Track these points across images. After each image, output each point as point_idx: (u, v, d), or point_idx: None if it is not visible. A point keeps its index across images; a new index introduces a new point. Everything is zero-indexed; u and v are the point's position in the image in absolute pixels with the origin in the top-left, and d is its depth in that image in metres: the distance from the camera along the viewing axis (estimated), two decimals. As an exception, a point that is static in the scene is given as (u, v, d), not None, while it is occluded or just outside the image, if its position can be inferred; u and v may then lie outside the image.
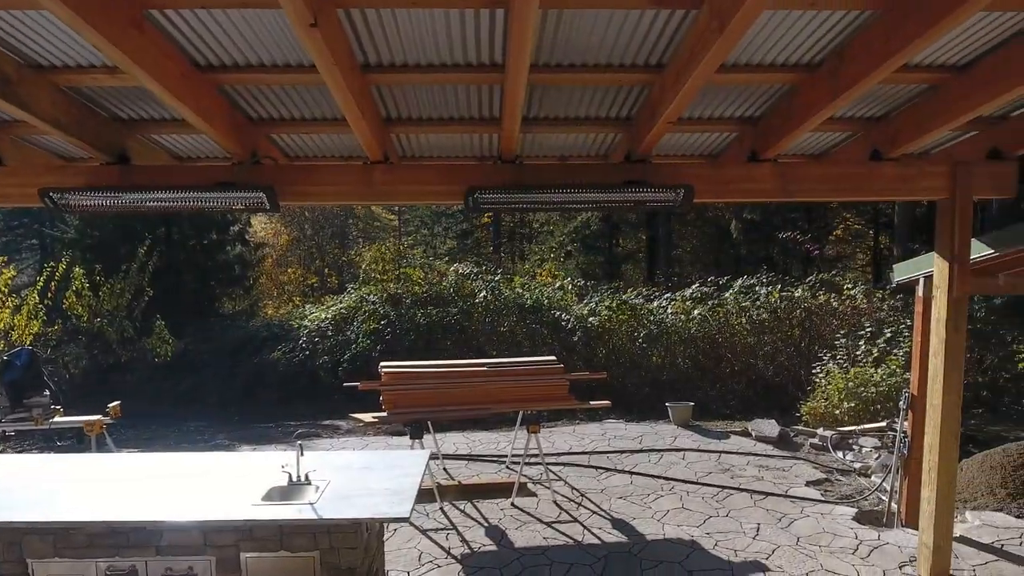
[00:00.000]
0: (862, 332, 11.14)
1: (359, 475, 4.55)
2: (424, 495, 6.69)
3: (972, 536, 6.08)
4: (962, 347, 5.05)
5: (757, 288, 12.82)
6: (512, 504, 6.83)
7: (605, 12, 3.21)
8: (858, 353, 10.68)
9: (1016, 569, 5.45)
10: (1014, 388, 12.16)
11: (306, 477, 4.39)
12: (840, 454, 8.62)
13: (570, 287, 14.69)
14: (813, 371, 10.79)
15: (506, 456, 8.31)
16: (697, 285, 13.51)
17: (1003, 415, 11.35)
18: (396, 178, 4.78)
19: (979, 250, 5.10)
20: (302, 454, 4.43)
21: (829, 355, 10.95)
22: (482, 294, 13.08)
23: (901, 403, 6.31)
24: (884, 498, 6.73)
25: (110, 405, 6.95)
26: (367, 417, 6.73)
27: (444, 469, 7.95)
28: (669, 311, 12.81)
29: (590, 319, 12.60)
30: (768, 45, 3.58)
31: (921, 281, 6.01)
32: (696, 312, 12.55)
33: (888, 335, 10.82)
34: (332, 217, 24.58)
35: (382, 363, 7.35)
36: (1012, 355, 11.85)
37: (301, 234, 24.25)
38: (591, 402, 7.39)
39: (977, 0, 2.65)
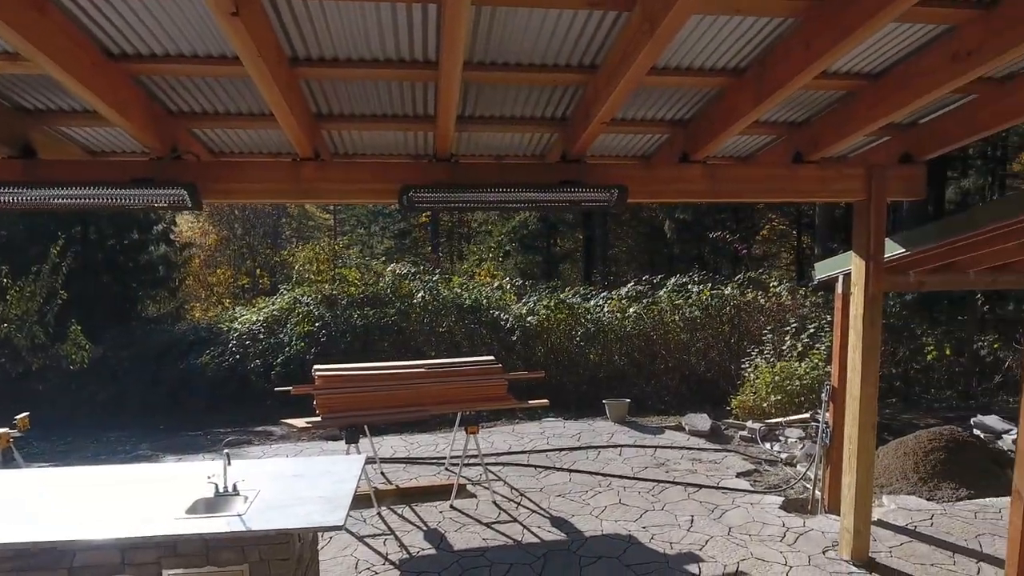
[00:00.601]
0: (787, 328, 11.65)
1: (291, 483, 4.40)
2: (361, 500, 6.56)
3: (888, 519, 6.43)
4: (878, 341, 5.33)
5: (689, 286, 13.21)
6: (451, 506, 6.77)
7: (539, 11, 3.21)
8: (784, 348, 11.16)
9: (927, 548, 5.81)
10: (924, 378, 13.00)
11: (234, 487, 4.21)
12: (768, 445, 8.98)
13: (509, 287, 14.72)
14: (742, 366, 11.19)
15: (445, 458, 8.24)
16: (632, 284, 13.79)
17: (914, 404, 12.11)
18: (327, 176, 4.64)
19: (892, 249, 5.40)
20: (229, 463, 4.24)
21: (757, 350, 11.39)
22: (420, 294, 12.93)
23: (823, 395, 6.62)
24: (809, 486, 7.04)
25: (17, 417, 6.46)
26: (300, 423, 6.52)
27: (382, 473, 7.80)
28: (606, 310, 13.03)
29: (528, 318, 12.66)
30: (697, 49, 3.67)
31: (840, 279, 6.32)
32: (632, 310, 12.80)
33: (811, 330, 11.35)
34: (264, 216, 23.78)
35: (316, 366, 7.15)
36: (921, 348, 12.66)
37: (231, 234, 23.32)
38: (530, 401, 7.41)
39: (888, 12, 2.79)
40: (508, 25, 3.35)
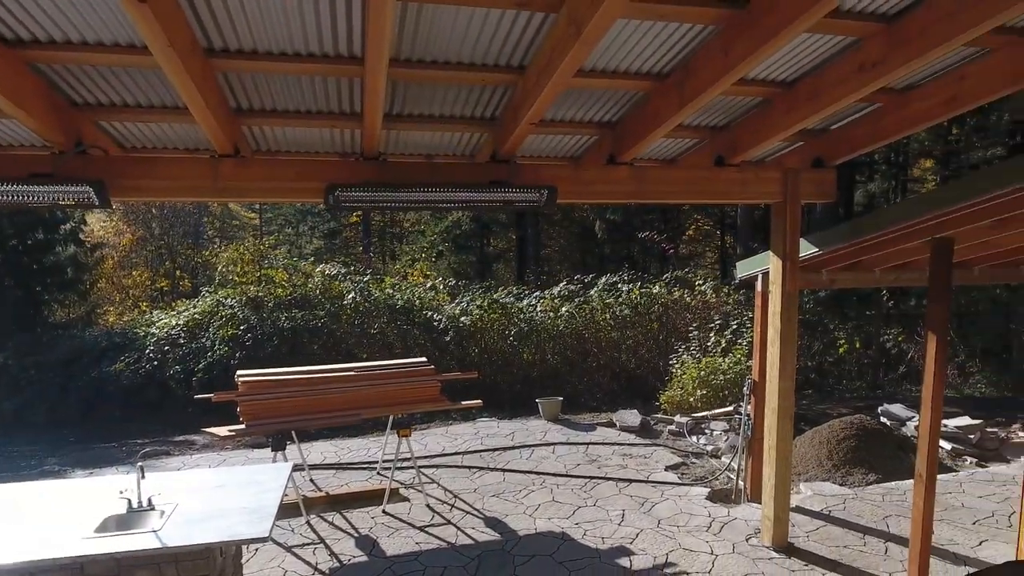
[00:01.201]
0: (712, 325, 12.09)
1: (213, 495, 4.21)
2: (289, 509, 6.36)
3: (806, 505, 6.77)
4: (795, 336, 5.59)
5: (620, 285, 13.50)
6: (384, 511, 6.65)
7: (467, 10, 3.19)
8: (709, 344, 11.57)
9: (841, 531, 6.15)
10: (836, 370, 13.78)
11: (149, 502, 3.99)
12: (695, 438, 9.28)
13: (442, 287, 14.62)
14: (670, 362, 11.53)
15: (377, 462, 8.09)
16: (565, 283, 13.97)
17: (828, 394, 12.80)
18: (249, 173, 4.46)
19: (806, 249, 5.68)
20: (143, 476, 4.02)
21: (684, 347, 11.77)
22: (351, 296, 12.65)
23: (745, 388, 6.90)
24: (732, 477, 7.32)
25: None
26: (222, 431, 6.24)
27: (311, 480, 7.58)
28: (539, 309, 13.13)
29: (462, 319, 12.61)
30: (623, 53, 3.74)
31: (760, 277, 6.60)
32: (564, 309, 12.96)
33: (734, 327, 11.82)
34: (184, 215, 22.64)
35: (239, 371, 6.87)
36: (834, 342, 13.42)
37: (148, 233, 22.10)
38: (463, 402, 7.36)
39: (800, 24, 2.92)
40: (436, 23, 3.31)
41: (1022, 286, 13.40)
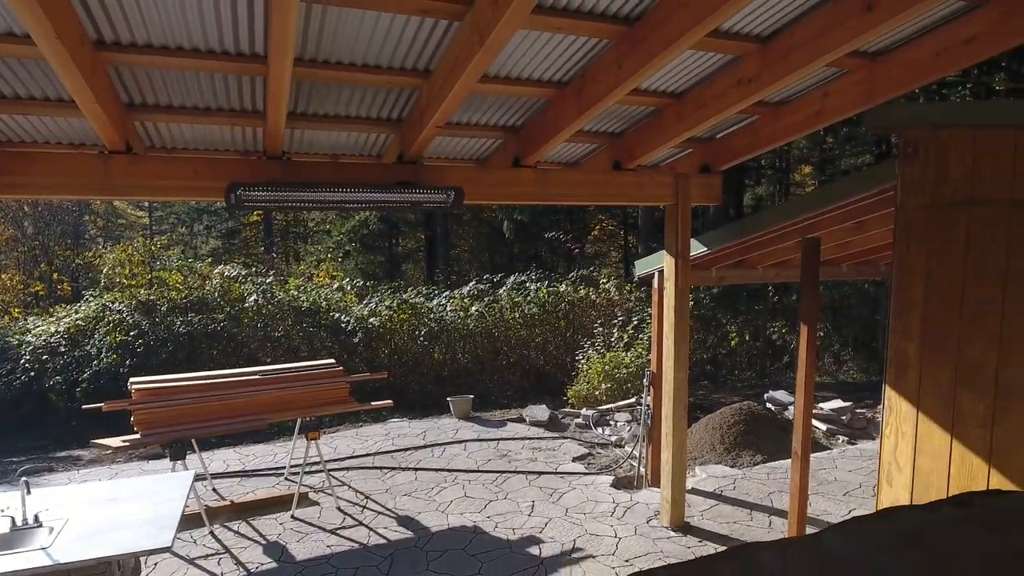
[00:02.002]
0: (615, 321, 12.63)
1: (107, 508, 4.02)
2: (190, 521, 6.11)
3: (700, 487, 7.26)
4: (688, 330, 6.00)
5: (528, 284, 13.81)
6: (292, 517, 6.52)
7: (372, 14, 3.24)
8: (612, 340, 12.08)
9: (731, 509, 6.65)
10: (729, 362, 14.74)
11: (35, 518, 3.76)
12: (600, 430, 9.68)
13: (349, 288, 14.37)
14: (577, 358, 11.94)
15: (284, 468, 7.89)
16: (474, 283, 14.11)
17: (722, 384, 13.68)
18: (142, 171, 4.28)
19: (697, 248, 6.12)
20: (28, 492, 3.77)
21: (589, 343, 12.22)
22: (253, 298, 12.19)
23: (644, 380, 7.30)
24: (635, 464, 7.73)
25: None
26: (115, 442, 5.90)
27: (213, 489, 7.29)
28: (448, 309, 13.20)
29: (371, 320, 12.46)
30: (525, 61, 3.91)
31: (656, 275, 7.02)
32: (474, 309, 13.10)
33: (636, 323, 12.40)
34: (62, 213, 20.89)
35: (132, 379, 6.51)
36: (727, 335, 14.35)
37: (20, 233, 20.23)
38: (373, 403, 7.33)
39: (682, 42, 3.19)
40: (341, 25, 3.34)
41: (887, 281, 14.89)
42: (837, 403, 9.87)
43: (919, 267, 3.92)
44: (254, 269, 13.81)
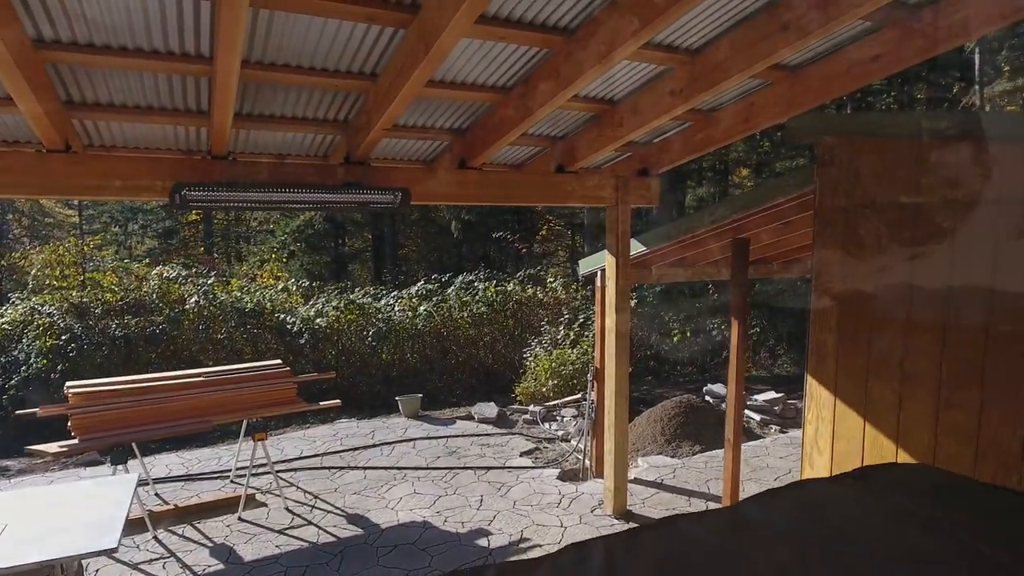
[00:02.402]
0: (562, 319, 12.90)
1: (47, 512, 3.95)
2: (133, 526, 6.00)
3: (642, 476, 7.56)
4: (628, 327, 6.27)
5: (476, 284, 13.93)
6: (240, 519, 6.47)
7: (319, 19, 3.32)
8: (559, 337, 12.34)
9: (671, 496, 6.96)
10: (671, 357, 15.24)
11: (-31, 525, 3.67)
12: (547, 425, 9.91)
13: (295, 288, 14.18)
14: (524, 356, 12.15)
15: (230, 471, 7.79)
16: (423, 283, 14.15)
17: (665, 379, 14.15)
18: (82, 170, 4.22)
19: (637, 248, 6.39)
20: (-39, 499, 3.68)
21: (536, 341, 12.45)
22: (193, 299, 11.90)
23: (589, 376, 7.55)
24: (580, 457, 7.97)
25: None
26: (52, 447, 5.73)
27: (156, 495, 7.14)
28: (397, 309, 13.20)
29: (317, 320, 12.35)
30: (469, 67, 4.05)
31: (599, 274, 7.27)
32: (422, 309, 13.14)
33: (581, 320, 12.70)
34: (-18, 212, 19.86)
35: (68, 383, 6.33)
36: (669, 331, 14.83)
37: (-65, 233, 19.11)
38: (321, 403, 7.33)
39: (617, 53, 3.39)
40: (288, 29, 3.40)
41: (816, 278, 15.66)
42: (771, 394, 10.39)
43: (836, 264, 4.27)
44: (195, 270, 13.46)
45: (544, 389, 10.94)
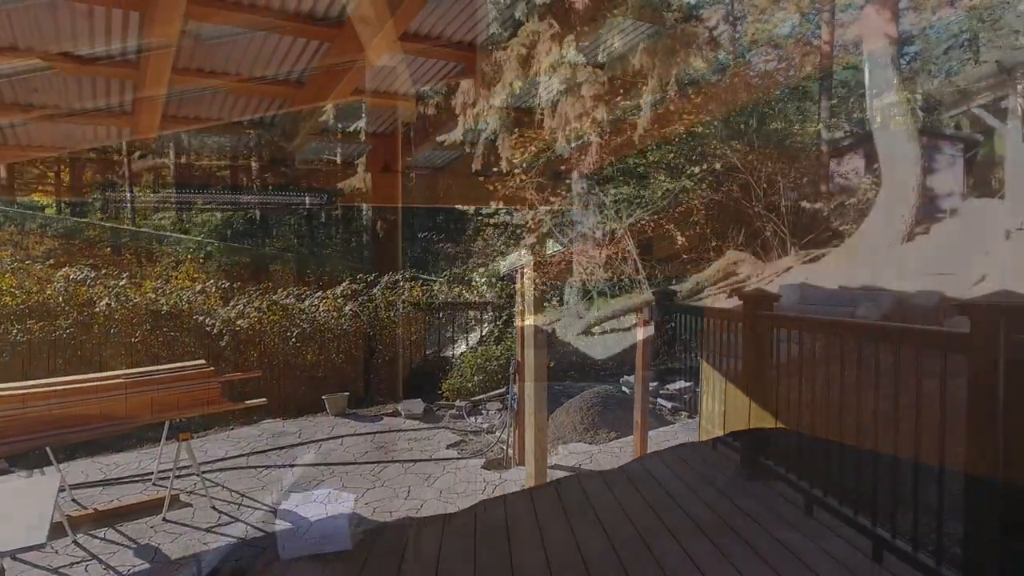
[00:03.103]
0: (487, 316, 13.25)
1: (-35, 514, 3.92)
2: (52, 531, 5.86)
3: (562, 463, 8.00)
4: (541, 323, 6.69)
5: (401, 284, 14.06)
6: (164, 519, 6.44)
7: (249, 32, 3.52)
8: (484, 334, 12.70)
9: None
10: (591, 353, 15.90)
11: None
12: (473, 419, 10.24)
13: (214, 289, 13.85)
14: (451, 353, 12.42)
15: (152, 473, 7.67)
16: (347, 283, 14.14)
17: (586, 374, 14.73)
18: None
19: (555, 247, 6.81)
20: None
21: (463, 338, 12.75)
22: (104, 302, 11.46)
23: (511, 370, 7.94)
24: (504, 447, 8.35)
25: None
26: (-41, 455, 5.56)
27: (73, 500, 6.96)
28: (321, 309, 13.16)
29: (239, 322, 12.15)
30: (394, 76, 4.33)
31: (519, 272, 7.67)
32: (347, 308, 13.16)
33: (505, 317, 13.10)
34: None
35: (-25, 389, 6.11)
36: (589, 328, 15.46)
37: None
38: (247, 402, 7.34)
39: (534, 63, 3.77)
40: (218, 39, 3.58)
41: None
42: (681, 383, 11.12)
43: (727, 269, 4.81)
44: (104, 272, 12.91)
45: (470, 384, 11.26)
